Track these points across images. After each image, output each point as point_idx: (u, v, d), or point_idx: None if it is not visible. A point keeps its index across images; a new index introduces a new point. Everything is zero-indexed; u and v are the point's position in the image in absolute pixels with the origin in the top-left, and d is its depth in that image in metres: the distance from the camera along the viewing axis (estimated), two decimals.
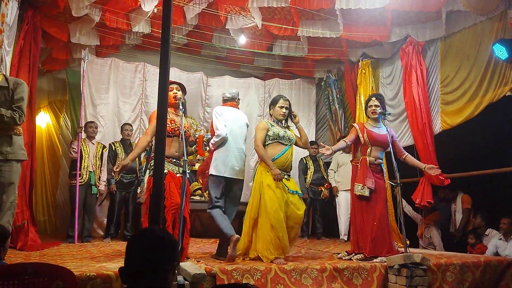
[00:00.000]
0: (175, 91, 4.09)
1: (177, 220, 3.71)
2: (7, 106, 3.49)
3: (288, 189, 4.16)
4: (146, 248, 1.60)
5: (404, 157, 4.64)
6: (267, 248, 3.98)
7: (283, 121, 4.44)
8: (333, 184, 7.13)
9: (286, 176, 4.22)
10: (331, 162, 7.30)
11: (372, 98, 4.69)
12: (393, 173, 4.33)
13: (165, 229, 1.71)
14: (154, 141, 3.25)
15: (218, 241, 4.43)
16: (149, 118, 4.18)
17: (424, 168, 4.61)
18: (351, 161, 4.76)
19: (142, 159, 6.62)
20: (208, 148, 4.50)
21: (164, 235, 1.67)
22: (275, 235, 4.00)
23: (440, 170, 4.87)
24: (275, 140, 4.27)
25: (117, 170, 3.91)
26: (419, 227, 6.43)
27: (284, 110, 4.36)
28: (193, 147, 4.43)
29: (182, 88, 4.18)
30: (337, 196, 7.07)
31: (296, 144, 4.47)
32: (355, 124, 4.71)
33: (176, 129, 3.97)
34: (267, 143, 4.31)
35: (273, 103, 4.46)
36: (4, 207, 3.50)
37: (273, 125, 4.34)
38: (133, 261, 1.59)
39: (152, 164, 3.73)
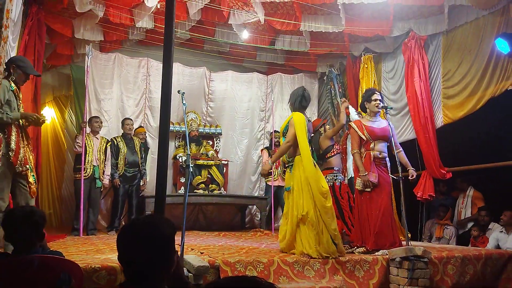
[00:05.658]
0: None
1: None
2: None
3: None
4: (131, 237, 1.53)
5: (397, 152, 4.45)
6: (310, 244, 3.90)
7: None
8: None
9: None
10: None
11: (376, 92, 4.63)
12: (396, 167, 4.30)
13: (162, 218, 1.65)
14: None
15: (221, 234, 4.46)
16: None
17: (408, 170, 4.53)
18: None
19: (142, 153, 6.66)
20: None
21: (153, 224, 1.55)
22: (313, 231, 3.93)
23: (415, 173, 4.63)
24: None
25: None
26: (435, 228, 6.27)
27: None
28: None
29: None
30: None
31: None
32: (352, 124, 4.60)
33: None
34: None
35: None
36: None
37: None
38: (124, 251, 1.54)
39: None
